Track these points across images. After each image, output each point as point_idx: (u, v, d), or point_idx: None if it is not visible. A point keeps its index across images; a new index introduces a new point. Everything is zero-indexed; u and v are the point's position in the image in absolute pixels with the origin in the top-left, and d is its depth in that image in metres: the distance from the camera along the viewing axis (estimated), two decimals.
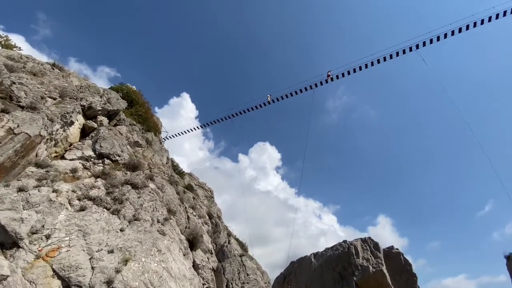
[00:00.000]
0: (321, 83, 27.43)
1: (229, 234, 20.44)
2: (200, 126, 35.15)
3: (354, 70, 25.91)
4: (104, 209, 10.00)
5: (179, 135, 34.19)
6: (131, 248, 8.97)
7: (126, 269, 8.07)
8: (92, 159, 12.83)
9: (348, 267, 9.92)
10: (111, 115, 17.56)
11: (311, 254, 13.79)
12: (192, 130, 34.04)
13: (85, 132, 14.60)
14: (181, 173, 24.11)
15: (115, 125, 17.61)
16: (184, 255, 12.22)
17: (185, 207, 16.28)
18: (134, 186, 12.21)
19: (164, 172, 17.92)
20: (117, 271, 7.88)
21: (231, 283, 15.37)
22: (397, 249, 17.89)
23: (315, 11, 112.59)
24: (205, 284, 13.26)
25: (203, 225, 17.41)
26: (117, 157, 13.86)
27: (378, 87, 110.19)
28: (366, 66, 25.40)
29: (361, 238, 14.48)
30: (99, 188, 10.88)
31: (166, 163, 22.36)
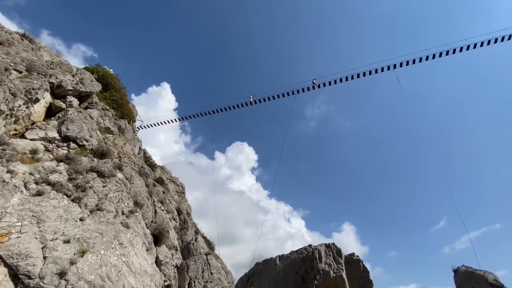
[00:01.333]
0: (303, 90, 28.06)
1: (197, 232, 20.11)
2: (178, 118, 34.30)
3: (335, 82, 26.87)
4: (64, 196, 9.37)
5: (155, 125, 33.08)
6: (90, 239, 8.49)
7: (82, 261, 7.63)
8: (56, 141, 11.98)
9: (310, 271, 10.16)
10: (83, 97, 16.54)
11: (276, 256, 13.99)
12: (169, 122, 33.09)
13: (51, 112, 13.60)
14: (152, 165, 23.31)
15: (86, 108, 16.61)
16: (147, 250, 11.81)
17: (154, 201, 15.75)
18: (100, 175, 11.58)
19: (134, 163, 17.21)
20: (72, 262, 7.42)
21: (194, 282, 15.12)
22: (357, 256, 18.82)
23: (305, 21, 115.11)
24: (166, 281, 12.92)
25: (170, 221, 16.95)
26: (85, 142, 13.07)
27: (355, 100, 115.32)
28: (347, 79, 26.53)
29: (325, 244, 15.00)
30: (60, 173, 10.18)
31: (138, 154, 21.51)
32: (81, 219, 9.02)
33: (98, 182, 11.15)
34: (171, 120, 33.09)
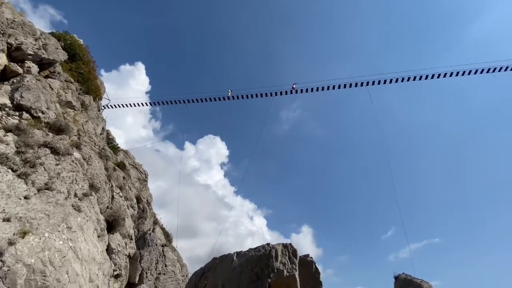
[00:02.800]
0: (281, 93, 28.50)
1: (156, 222, 19.46)
2: (150, 103, 32.77)
3: (312, 90, 27.83)
4: (9, 170, 8.48)
5: (123, 106, 31.23)
6: (34, 220, 7.79)
7: (22, 243, 6.96)
8: (7, 109, 10.78)
9: (265, 269, 10.41)
10: (44, 65, 15.07)
11: (234, 253, 13.90)
12: (139, 105, 31.47)
13: (5, 76, 12.20)
14: (115, 148, 22.02)
15: (47, 77, 15.16)
16: (98, 236, 11.14)
17: (112, 186, 14.90)
18: (54, 151, 10.65)
19: (95, 143, 16.12)
20: (11, 243, 6.74)
21: (146, 272, 14.63)
22: (311, 257, 19.66)
23: (297, 27, 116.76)
24: (116, 270, 12.31)
25: (128, 208, 16.17)
26: (40, 114, 11.93)
27: (329, 109, 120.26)
28: (323, 88, 27.61)
29: (283, 244, 15.38)
30: (7, 144, 9.19)
31: (100, 134, 20.17)
32: (26, 197, 8.23)
33: (51, 159, 10.25)
34: (142, 103, 31.52)
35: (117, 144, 23.37)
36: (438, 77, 25.79)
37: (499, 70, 24.95)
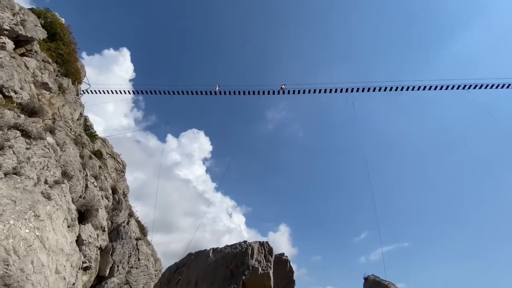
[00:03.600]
0: (269, 92, 28.58)
1: (131, 215, 18.93)
2: (133, 91, 31.70)
3: (299, 92, 28.21)
4: None
5: (104, 93, 29.99)
6: None
7: None
8: None
9: (240, 266, 10.42)
10: (21, 42, 14.15)
11: (210, 249, 13.79)
12: (121, 92, 30.36)
13: None
14: (92, 136, 21.13)
15: (23, 55, 14.25)
16: (68, 226, 10.66)
17: (86, 175, 14.31)
18: (26, 134, 10.05)
19: (71, 129, 15.40)
20: None
21: (118, 266, 14.20)
22: (286, 256, 19.98)
23: (291, 27, 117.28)
24: (85, 262, 11.86)
25: (102, 199, 15.60)
26: (12, 93, 11.21)
27: (313, 112, 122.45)
28: (309, 91, 28.04)
29: (260, 242, 15.49)
30: None
31: (77, 120, 19.28)
32: None
33: (21, 142, 9.67)
34: (125, 90, 30.42)
35: (95, 132, 22.44)
36: (418, 89, 26.97)
37: (474, 88, 26.54)
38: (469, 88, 26.48)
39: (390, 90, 27.00)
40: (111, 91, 29.96)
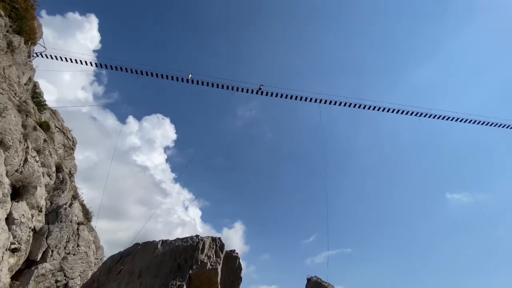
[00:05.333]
0: (243, 90, 28.50)
1: (75, 197, 17.41)
2: (96, 63, 29.05)
3: (276, 95, 28.93)
4: None
5: (62, 60, 27.07)
6: None
7: None
8: None
9: (189, 260, 10.18)
10: None
11: (160, 240, 13.26)
12: (83, 63, 27.68)
13: None
14: (41, 105, 18.96)
15: None
16: None
17: (27, 147, 12.82)
18: None
19: (15, 94, 13.66)
20: None
21: (52, 251, 12.96)
22: (237, 253, 20.20)
23: (276, 30, 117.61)
24: (14, 243, 10.60)
25: (43, 176, 14.11)
26: None
27: (282, 116, 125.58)
28: (286, 96, 28.86)
29: (212, 237, 15.38)
30: None
31: (25, 84, 17.16)
32: None
33: None
34: (86, 61, 27.74)
35: (45, 101, 20.17)
36: (379, 110, 29.30)
37: (424, 116, 29.65)
38: (420, 115, 29.51)
39: (354, 106, 28.92)
40: (71, 59, 27.13)
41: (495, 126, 29.87)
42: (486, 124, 29.88)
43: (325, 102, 28.76)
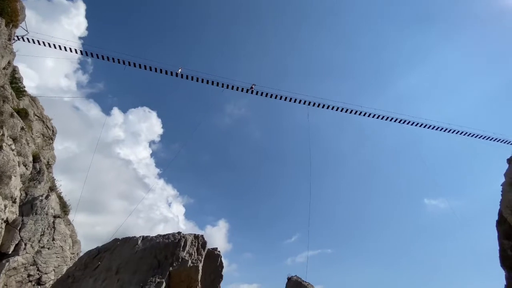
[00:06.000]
0: (233, 87, 28.34)
1: (52, 189, 16.76)
2: (82, 51, 28.00)
3: (266, 95, 28.94)
4: None
5: (45, 45, 25.93)
6: None
7: None
8: None
9: (170, 257, 9.99)
10: None
11: (140, 236, 12.94)
12: (67, 50, 26.61)
13: None
14: (20, 91, 18.09)
15: None
16: None
17: (3, 134, 12.21)
18: None
19: None
20: None
21: (26, 244, 12.42)
22: (219, 251, 20.12)
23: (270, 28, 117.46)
24: None
25: (19, 166, 13.47)
26: None
27: (271, 116, 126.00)
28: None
29: (195, 234, 15.22)
30: None
31: (4, 68, 16.32)
32: None
33: None
34: (71, 48, 26.68)
35: (24, 87, 19.25)
36: (365, 115, 29.99)
37: (407, 123, 30.63)
38: (403, 122, 30.47)
39: (341, 110, 29.46)
40: (54, 44, 26.03)
41: (471, 136, 31.33)
42: (464, 134, 31.27)
43: (313, 105, 29.13)
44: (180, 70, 27.91)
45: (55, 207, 15.01)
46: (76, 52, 27.36)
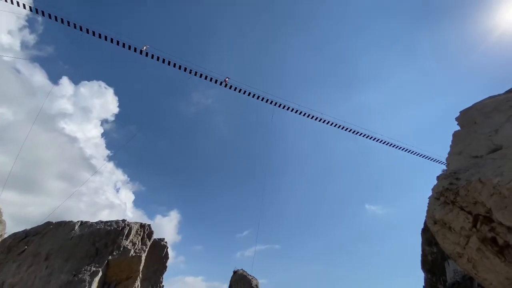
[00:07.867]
0: (201, 76, 27.51)
1: None
2: (31, 7, 24.46)
3: (235, 89, 28.89)
4: None
5: None
6: None
7: None
8: None
9: (110, 245, 9.49)
10: None
11: (78, 221, 11.92)
12: (14, 3, 23.03)
13: None
14: None
15: None
16: None
17: None
18: None
19: None
20: None
21: None
22: (165, 242, 19.69)
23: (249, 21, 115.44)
24: None
25: None
26: None
27: (238, 111, 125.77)
28: (240, 91, 28.80)
29: (141, 223, 14.60)
30: None
31: None
32: None
33: None
34: (19, 2, 23.15)
35: None
36: (324, 122, 31.73)
37: (360, 134, 33.19)
38: (357, 133, 32.97)
39: (304, 115, 30.75)
40: None
41: (412, 153, 35.24)
42: (406, 150, 35.02)
43: (279, 106, 29.86)
44: (145, 47, 26.19)
45: None
46: (25, 7, 23.89)
